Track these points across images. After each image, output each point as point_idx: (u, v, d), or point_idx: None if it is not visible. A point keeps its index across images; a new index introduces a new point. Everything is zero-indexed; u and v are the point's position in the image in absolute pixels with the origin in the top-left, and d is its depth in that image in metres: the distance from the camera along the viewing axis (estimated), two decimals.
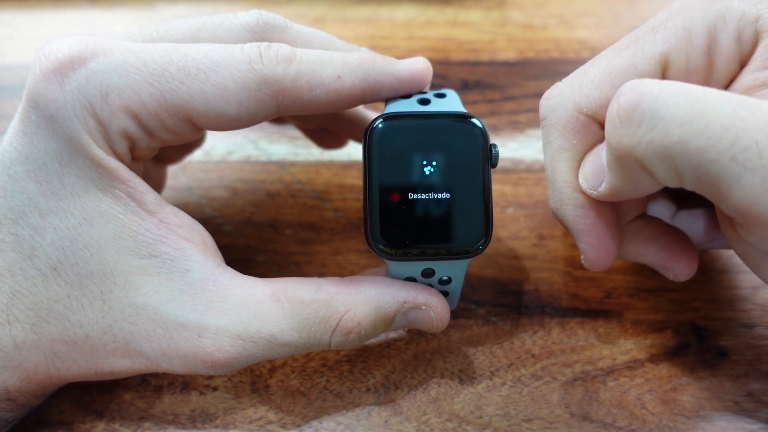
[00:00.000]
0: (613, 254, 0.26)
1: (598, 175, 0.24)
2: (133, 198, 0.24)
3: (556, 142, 0.25)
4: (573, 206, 0.25)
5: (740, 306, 0.31)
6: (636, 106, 0.20)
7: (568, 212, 0.25)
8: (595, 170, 0.24)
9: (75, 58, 0.23)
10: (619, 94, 0.21)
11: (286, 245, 0.34)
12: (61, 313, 0.24)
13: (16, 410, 0.25)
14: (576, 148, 0.25)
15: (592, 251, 0.25)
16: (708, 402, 0.28)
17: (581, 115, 0.24)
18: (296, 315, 0.24)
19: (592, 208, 0.25)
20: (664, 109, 0.19)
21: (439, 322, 0.27)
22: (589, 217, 0.25)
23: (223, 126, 0.24)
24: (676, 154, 0.19)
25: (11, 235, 0.23)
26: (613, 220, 0.26)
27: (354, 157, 0.38)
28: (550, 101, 0.25)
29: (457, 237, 0.24)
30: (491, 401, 0.28)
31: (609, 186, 0.23)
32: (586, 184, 0.24)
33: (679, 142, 0.19)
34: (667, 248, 0.28)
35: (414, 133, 0.24)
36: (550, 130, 0.25)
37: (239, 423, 0.28)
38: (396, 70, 0.26)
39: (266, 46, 0.24)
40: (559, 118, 0.25)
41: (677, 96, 0.19)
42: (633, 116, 0.20)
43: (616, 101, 0.21)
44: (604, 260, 0.26)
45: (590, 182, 0.24)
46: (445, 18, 0.47)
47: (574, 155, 0.25)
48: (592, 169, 0.24)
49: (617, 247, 0.26)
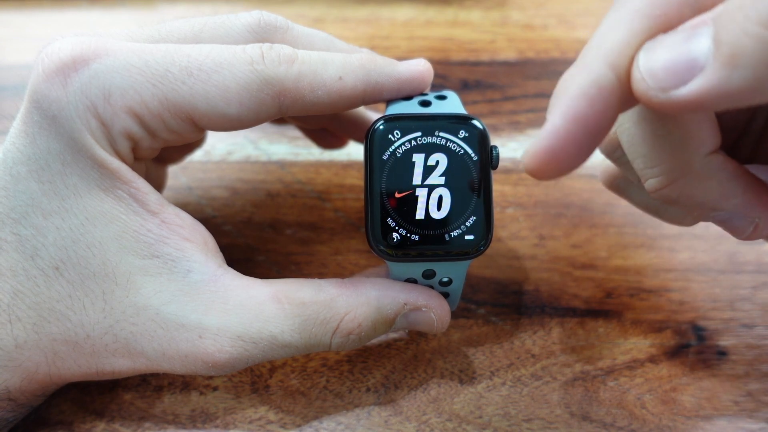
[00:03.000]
0: (562, 164, 0.18)
1: (682, 70, 0.16)
2: (135, 198, 0.24)
3: (638, 5, 0.18)
4: (593, 82, 0.18)
5: (740, 306, 0.31)
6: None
7: (581, 81, 0.18)
8: (678, 62, 0.16)
9: (77, 59, 0.23)
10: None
11: (286, 245, 0.34)
12: (63, 312, 0.24)
13: (16, 410, 0.25)
14: (657, 23, 0.18)
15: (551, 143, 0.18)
16: (708, 402, 0.28)
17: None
18: (297, 316, 0.24)
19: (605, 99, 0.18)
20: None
21: (439, 324, 0.27)
22: (595, 104, 0.18)
23: (225, 126, 0.24)
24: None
25: (13, 235, 0.23)
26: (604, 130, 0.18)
27: (354, 157, 0.38)
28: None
29: (458, 238, 0.24)
30: (491, 401, 0.28)
31: (712, 88, 0.16)
32: (652, 79, 0.17)
33: None
34: (753, 189, 0.21)
35: (415, 134, 0.25)
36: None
37: (239, 423, 0.28)
38: (397, 71, 0.26)
39: (268, 47, 0.24)
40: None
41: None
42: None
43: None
44: (552, 160, 0.18)
45: (661, 79, 0.17)
46: (445, 18, 0.47)
47: (650, 28, 0.18)
48: (670, 59, 0.17)
49: (574, 159, 0.18)
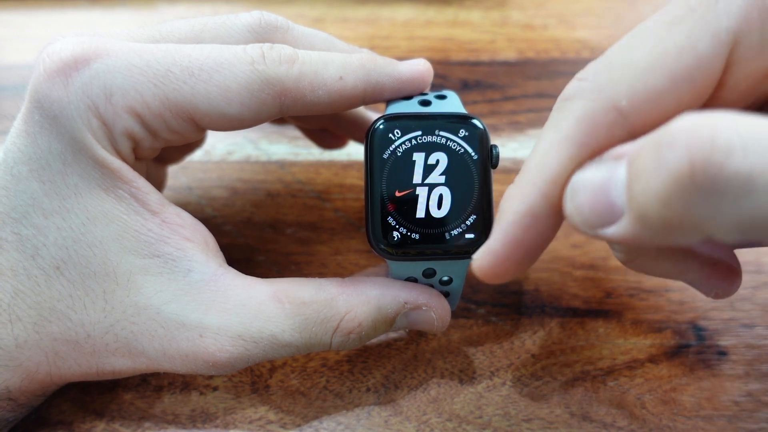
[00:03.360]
0: (508, 274, 0.21)
1: (603, 214, 0.18)
2: (136, 198, 0.24)
3: (568, 133, 0.19)
4: (526, 211, 0.20)
5: (740, 306, 0.31)
6: (719, 172, 0.14)
7: (516, 209, 0.20)
8: (597, 208, 0.18)
9: (79, 59, 0.23)
10: (688, 144, 0.15)
11: (286, 245, 0.34)
12: (63, 312, 0.24)
13: (17, 410, 0.25)
14: (586, 151, 0.19)
15: (493, 262, 0.20)
16: (708, 402, 0.28)
17: (613, 112, 0.19)
18: (297, 315, 0.24)
19: (539, 224, 0.20)
20: (757, 177, 0.14)
21: (439, 323, 0.27)
22: (530, 230, 0.20)
23: (226, 126, 0.24)
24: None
25: (14, 235, 0.23)
26: (542, 246, 0.21)
27: (354, 157, 0.38)
28: (583, 83, 0.20)
29: (458, 237, 0.24)
30: (491, 401, 0.28)
31: (629, 236, 0.17)
32: (579, 217, 0.18)
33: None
34: (709, 266, 0.23)
35: (415, 134, 0.25)
36: (567, 115, 0.20)
37: (239, 423, 0.28)
38: (397, 71, 0.26)
39: (269, 47, 0.24)
40: (585, 107, 0.19)
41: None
42: (713, 186, 0.14)
43: (685, 152, 0.15)
44: (496, 274, 0.21)
45: (587, 219, 0.18)
46: (445, 18, 0.47)
47: (578, 155, 0.19)
48: (591, 204, 0.18)
49: (517, 270, 0.21)
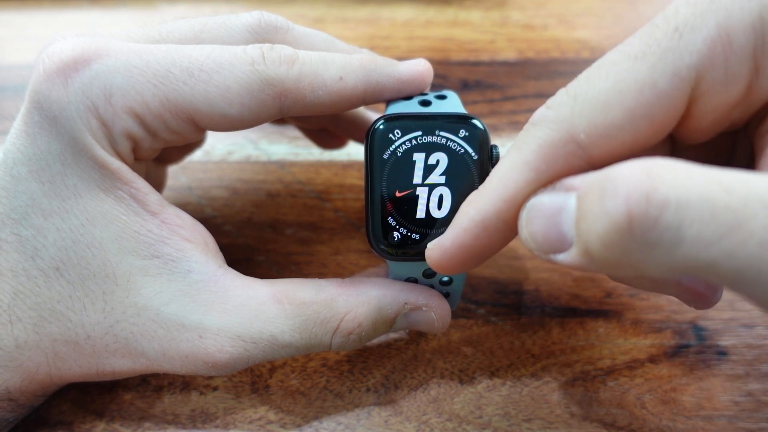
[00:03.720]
0: (454, 270, 0.23)
1: (555, 243, 0.19)
2: (136, 199, 0.24)
3: (528, 157, 0.20)
4: (479, 221, 0.21)
5: (740, 306, 0.31)
6: (653, 225, 0.15)
7: (470, 217, 0.21)
8: (549, 236, 0.19)
9: (79, 59, 0.23)
10: (627, 195, 0.16)
11: (286, 245, 0.34)
12: (63, 313, 0.24)
13: (17, 410, 0.25)
14: (543, 176, 0.20)
15: (441, 257, 0.22)
16: (708, 402, 0.28)
17: (572, 143, 0.20)
18: (297, 316, 0.24)
19: (488, 235, 0.21)
20: (686, 228, 0.15)
21: (440, 324, 0.27)
22: (478, 239, 0.21)
23: (226, 127, 0.24)
24: (701, 272, 0.16)
25: (14, 236, 0.23)
26: (488, 254, 0.22)
27: (354, 157, 0.38)
28: (550, 111, 0.20)
29: None
30: (491, 401, 0.28)
31: (578, 265, 0.18)
32: (534, 243, 0.19)
33: (706, 264, 0.15)
34: (687, 282, 0.24)
35: (415, 134, 0.25)
36: (530, 141, 0.20)
37: (239, 423, 0.28)
38: (397, 71, 0.26)
39: (269, 48, 0.24)
40: (546, 136, 0.20)
41: (701, 209, 0.15)
42: (648, 236, 0.15)
43: (623, 204, 0.16)
44: (443, 268, 0.22)
45: (540, 245, 0.19)
46: (445, 18, 0.47)
47: (535, 180, 0.20)
48: (544, 232, 0.19)
49: (463, 267, 0.22)
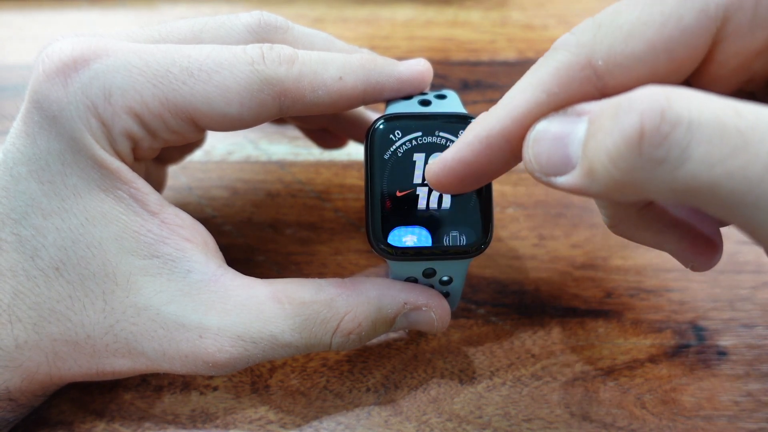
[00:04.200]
0: (451, 188, 0.22)
1: (558, 165, 0.19)
2: (135, 199, 0.24)
3: (543, 78, 0.20)
4: (483, 138, 0.21)
5: (740, 306, 0.31)
6: (663, 141, 0.16)
7: (476, 133, 0.21)
8: (553, 158, 0.19)
9: (78, 59, 0.23)
10: (642, 111, 0.16)
11: (286, 245, 0.34)
12: (63, 313, 0.24)
13: (17, 410, 0.25)
14: (555, 100, 0.20)
15: (440, 171, 0.22)
16: (708, 402, 0.28)
17: (589, 69, 0.20)
18: (297, 316, 0.24)
19: (491, 154, 0.21)
20: (694, 147, 0.15)
21: (439, 324, 0.27)
22: (480, 156, 0.21)
23: (226, 126, 0.24)
24: (701, 195, 0.16)
25: (14, 235, 0.23)
26: (487, 175, 0.22)
27: (354, 157, 0.38)
28: (572, 36, 0.20)
29: (458, 237, 0.24)
30: (491, 401, 0.28)
31: (577, 187, 0.18)
32: (536, 164, 0.19)
33: (707, 185, 0.16)
34: (688, 239, 0.24)
35: (415, 134, 0.25)
36: (547, 63, 0.20)
37: (239, 423, 0.28)
38: (397, 71, 0.26)
39: (268, 47, 0.24)
40: (565, 59, 0.20)
41: (712, 129, 0.15)
42: (656, 152, 0.16)
43: (638, 118, 0.16)
44: (441, 183, 0.22)
45: (543, 166, 0.19)
46: (445, 18, 0.47)
47: (546, 103, 0.20)
48: (549, 153, 0.19)
49: (459, 187, 0.22)
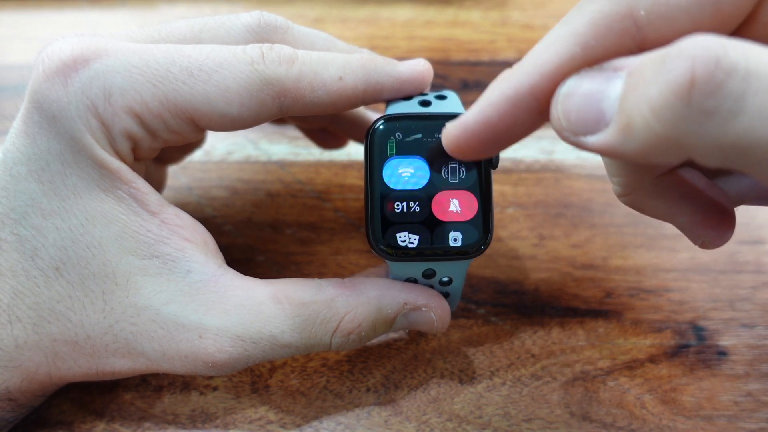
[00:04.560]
0: (471, 152, 0.21)
1: (590, 122, 0.17)
2: (135, 199, 0.24)
3: (579, 29, 0.18)
4: (509, 97, 0.19)
5: (740, 306, 0.31)
6: (717, 89, 0.14)
7: (500, 91, 0.19)
8: (585, 114, 0.17)
9: (78, 59, 0.23)
10: (695, 56, 0.14)
11: (286, 245, 0.34)
12: (63, 313, 0.24)
13: (16, 410, 0.25)
14: (590, 53, 0.18)
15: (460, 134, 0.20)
16: (708, 402, 0.28)
17: (629, 20, 0.18)
18: (297, 316, 0.24)
19: (516, 114, 0.19)
20: (750, 98, 0.14)
21: (439, 324, 0.27)
22: (505, 116, 0.19)
23: (226, 126, 0.24)
24: (751, 153, 0.15)
25: (13, 235, 0.23)
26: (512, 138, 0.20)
27: (354, 157, 0.38)
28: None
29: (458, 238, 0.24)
30: (491, 401, 0.28)
31: (609, 146, 0.17)
32: (565, 122, 0.18)
33: (761, 141, 0.14)
34: (702, 212, 0.23)
35: (415, 134, 0.25)
36: (582, 13, 0.18)
37: (239, 423, 0.28)
38: (397, 71, 0.26)
39: (268, 47, 0.24)
40: (604, 8, 0.18)
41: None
42: (707, 102, 0.14)
43: (690, 64, 0.14)
44: (460, 148, 0.21)
45: (572, 124, 0.18)
46: (445, 18, 0.47)
47: (581, 57, 0.18)
48: (580, 109, 0.18)
49: (480, 151, 0.21)
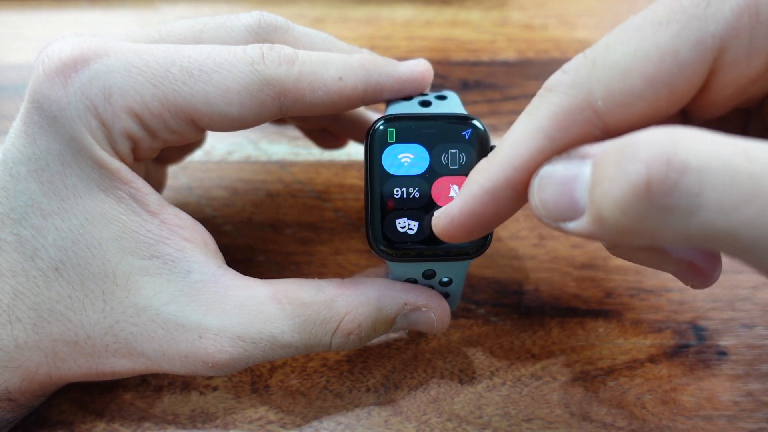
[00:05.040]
0: (462, 238, 0.22)
1: (566, 210, 0.18)
2: (135, 199, 0.24)
3: (542, 124, 0.19)
4: (488, 189, 0.20)
5: (740, 306, 0.31)
6: (672, 189, 0.15)
7: (480, 184, 0.20)
8: (560, 203, 0.18)
9: (78, 59, 0.23)
10: (647, 159, 0.15)
11: (286, 245, 0.34)
12: (63, 313, 0.24)
13: (16, 410, 0.25)
14: (557, 144, 0.19)
15: (448, 225, 0.21)
16: (708, 402, 0.28)
17: (588, 111, 0.19)
18: (297, 316, 0.24)
19: (498, 203, 0.20)
20: (707, 193, 0.15)
21: (439, 324, 0.27)
22: (488, 206, 0.20)
23: (226, 127, 0.24)
24: (718, 241, 0.15)
25: (13, 236, 0.23)
26: (496, 222, 0.22)
27: (354, 157, 0.38)
28: (566, 76, 0.20)
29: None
30: (491, 401, 0.28)
31: (588, 233, 0.18)
32: (544, 211, 0.19)
33: (723, 233, 0.15)
34: (687, 261, 0.24)
35: (415, 135, 0.25)
36: (544, 107, 0.20)
37: (239, 423, 0.28)
38: (397, 71, 0.26)
39: (268, 48, 0.24)
40: (562, 102, 0.19)
41: (723, 175, 0.15)
42: (666, 201, 0.15)
43: (644, 167, 0.15)
44: (450, 236, 0.22)
45: (550, 212, 0.19)
46: (445, 18, 0.47)
47: (549, 148, 0.19)
48: (556, 199, 0.18)
49: (470, 236, 0.22)
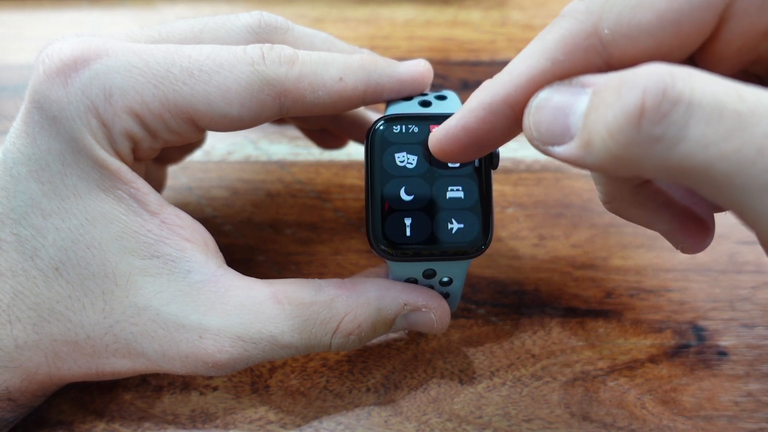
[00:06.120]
0: (454, 155, 0.22)
1: (557, 134, 0.19)
2: (135, 199, 0.24)
3: (549, 45, 0.20)
4: (486, 105, 0.21)
5: (740, 306, 0.31)
6: (662, 118, 0.16)
7: (479, 99, 0.21)
8: (553, 127, 0.19)
9: (78, 59, 0.23)
10: (645, 87, 0.16)
11: (286, 245, 0.34)
12: (63, 313, 0.24)
13: (16, 410, 0.25)
14: (559, 68, 0.20)
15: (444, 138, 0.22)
16: (708, 402, 0.28)
17: (595, 37, 0.19)
18: (297, 316, 0.24)
19: (493, 120, 0.21)
20: (692, 126, 0.15)
21: (439, 325, 0.27)
22: (483, 122, 0.21)
23: (226, 127, 0.24)
24: (694, 175, 0.16)
25: (13, 235, 0.23)
26: (490, 142, 0.22)
27: (354, 157, 0.38)
28: (581, 3, 0.20)
29: (458, 238, 0.24)
30: (491, 401, 0.28)
31: (573, 157, 0.18)
32: (536, 132, 0.19)
33: (700, 166, 0.16)
34: (679, 220, 0.24)
35: (415, 135, 0.25)
36: (554, 30, 0.20)
37: (239, 423, 0.28)
38: (397, 72, 0.26)
39: (269, 48, 0.24)
40: (571, 26, 0.20)
41: (711, 110, 0.15)
42: (654, 129, 0.16)
43: (640, 94, 0.16)
44: (444, 151, 0.22)
45: (542, 134, 0.19)
46: (445, 18, 0.47)
47: (551, 71, 0.20)
48: (549, 122, 0.19)
49: (462, 154, 0.22)
